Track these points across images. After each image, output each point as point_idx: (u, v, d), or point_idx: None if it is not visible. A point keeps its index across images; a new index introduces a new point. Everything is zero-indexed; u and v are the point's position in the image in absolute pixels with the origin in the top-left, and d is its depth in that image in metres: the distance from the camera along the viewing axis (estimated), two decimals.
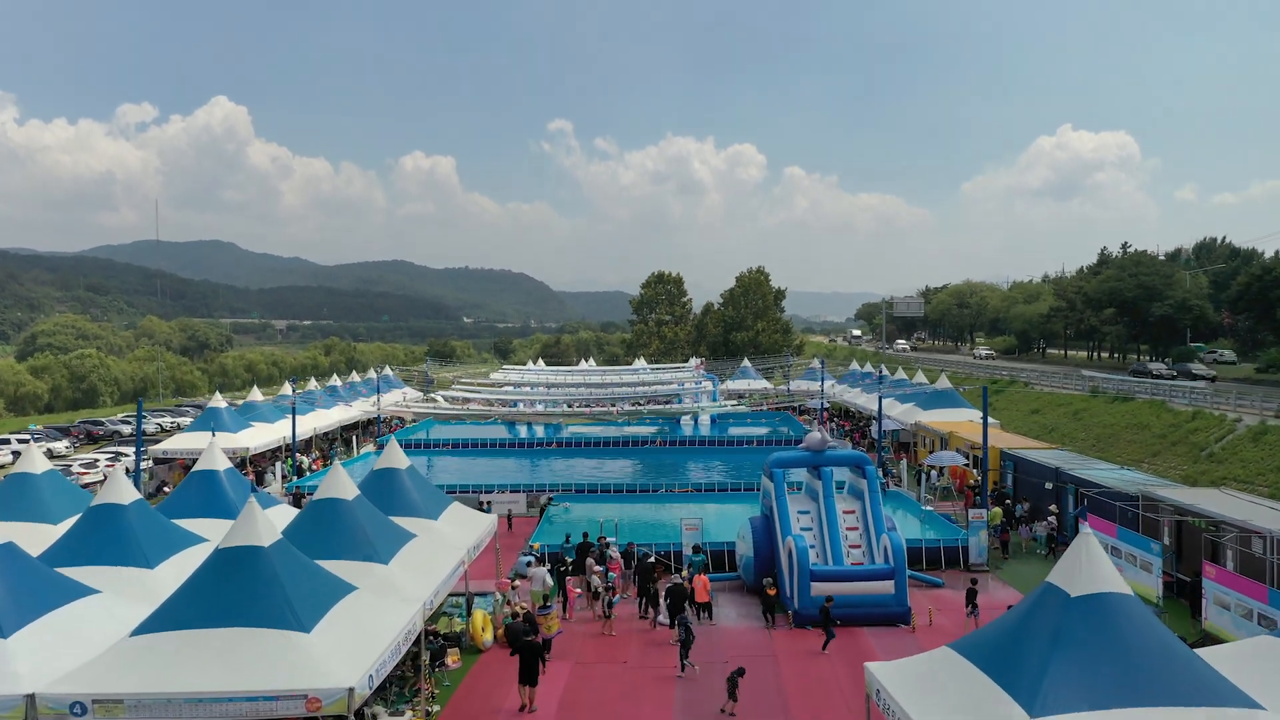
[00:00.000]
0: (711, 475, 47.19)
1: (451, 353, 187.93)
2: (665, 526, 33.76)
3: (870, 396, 62.29)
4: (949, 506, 37.49)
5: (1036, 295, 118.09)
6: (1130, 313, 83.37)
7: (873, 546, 25.10)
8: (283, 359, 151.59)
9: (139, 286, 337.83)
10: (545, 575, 25.99)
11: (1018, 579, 27.88)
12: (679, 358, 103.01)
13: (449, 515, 24.20)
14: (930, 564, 28.74)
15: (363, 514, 20.02)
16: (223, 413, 45.43)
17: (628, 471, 48.86)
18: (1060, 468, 33.10)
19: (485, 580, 27.55)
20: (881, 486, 29.52)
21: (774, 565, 25.78)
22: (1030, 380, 68.34)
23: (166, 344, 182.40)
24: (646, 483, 41.43)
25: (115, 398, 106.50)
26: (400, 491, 23.09)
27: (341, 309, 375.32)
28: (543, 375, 64.49)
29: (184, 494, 23.71)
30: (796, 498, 27.04)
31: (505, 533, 34.92)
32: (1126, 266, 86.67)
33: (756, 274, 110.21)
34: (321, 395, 58.49)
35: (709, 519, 35.40)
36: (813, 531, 25.79)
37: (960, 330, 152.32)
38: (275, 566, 14.58)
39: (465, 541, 22.96)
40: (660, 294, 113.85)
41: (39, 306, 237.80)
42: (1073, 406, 55.06)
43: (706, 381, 65.77)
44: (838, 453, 27.22)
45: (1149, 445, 44.14)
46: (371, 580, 17.92)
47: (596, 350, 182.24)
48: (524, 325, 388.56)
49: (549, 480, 41.99)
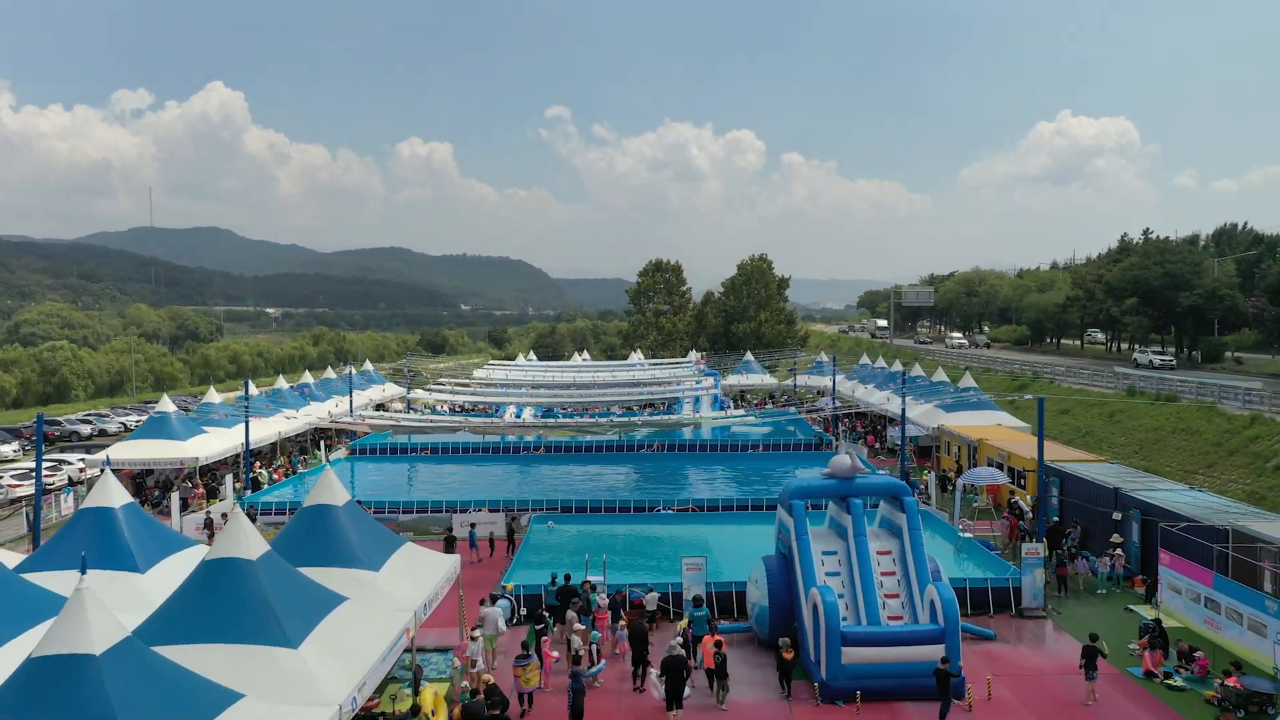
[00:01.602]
0: (715, 486, 42.74)
1: (444, 343, 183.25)
2: (663, 556, 29.28)
3: (884, 394, 57.83)
4: (985, 526, 33.02)
5: (1050, 283, 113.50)
6: (1154, 303, 78.80)
7: (915, 598, 20.59)
8: (269, 350, 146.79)
9: (133, 274, 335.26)
10: (499, 617, 21.71)
11: (1079, 626, 23.43)
12: (677, 349, 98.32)
13: (397, 562, 19.67)
14: (975, 607, 24.27)
15: (269, 578, 15.50)
16: (171, 418, 40.81)
17: (621, 480, 44.38)
18: (1120, 488, 28.56)
19: (447, 630, 23.16)
20: None
21: (794, 618, 21.34)
22: (1055, 376, 63.73)
23: (155, 333, 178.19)
24: (643, 498, 36.88)
25: (89, 392, 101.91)
26: (332, 536, 18.49)
27: (338, 296, 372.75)
28: (530, 372, 59.66)
29: (67, 539, 19.13)
30: (820, 533, 22.51)
31: (482, 560, 30.50)
32: (1151, 254, 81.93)
33: (759, 261, 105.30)
34: (290, 394, 53.80)
35: (714, 543, 31.00)
36: (841, 577, 21.27)
37: (968, 319, 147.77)
38: None
39: (414, 598, 18.48)
40: (658, 283, 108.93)
41: (30, 294, 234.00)
42: (1108, 407, 50.51)
43: (707, 379, 61.18)
44: (870, 480, 22.63)
45: (1201, 454, 39.62)
46: (269, 677, 13.41)
47: (593, 340, 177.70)
48: (522, 313, 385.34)
49: (532, 495, 37.43)
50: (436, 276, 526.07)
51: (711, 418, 42.27)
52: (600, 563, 24.85)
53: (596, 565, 24.78)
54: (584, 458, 47.47)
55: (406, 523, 33.95)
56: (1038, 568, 24.53)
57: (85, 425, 61.96)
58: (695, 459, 48.08)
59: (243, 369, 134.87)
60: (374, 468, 46.36)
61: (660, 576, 25.50)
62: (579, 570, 24.58)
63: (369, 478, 43.83)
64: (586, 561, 24.75)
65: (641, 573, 26.57)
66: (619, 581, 24.42)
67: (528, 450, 48.53)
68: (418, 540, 33.63)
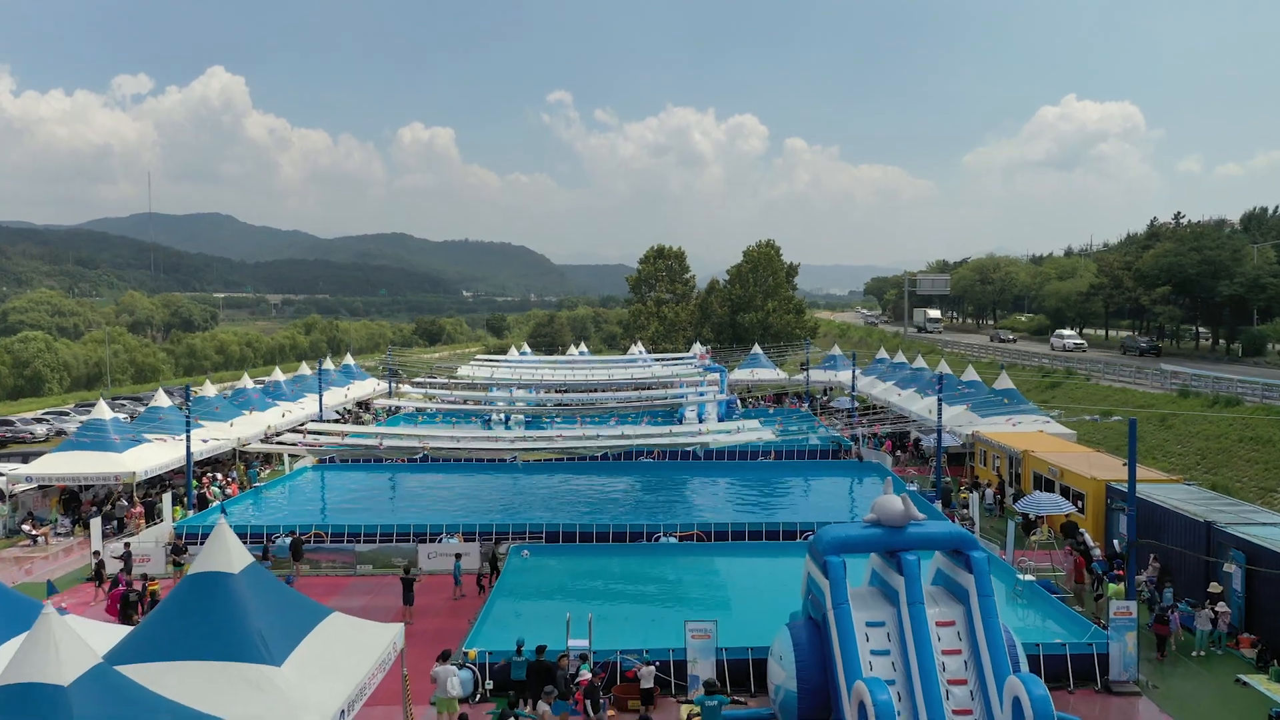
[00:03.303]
0: (720, 502, 37.91)
1: (440, 332, 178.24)
2: (662, 603, 24.50)
3: (906, 393, 52.96)
4: (1043, 559, 28.21)
5: (1072, 271, 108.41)
6: (1190, 291, 73.74)
7: (987, 687, 15.79)
8: (258, 339, 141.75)
9: (132, 260, 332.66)
10: (452, 678, 17.21)
11: (1186, 709, 18.66)
12: (680, 341, 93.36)
13: (311, 648, 14.80)
14: (1049, 677, 19.40)
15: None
16: (107, 425, 36.01)
17: (615, 495, 39.56)
18: (1212, 522, 23.71)
19: (390, 709, 18.45)
20: None
21: (829, 706, 16.60)
22: (1091, 373, 58.73)
23: (148, 321, 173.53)
24: (639, 520, 32.06)
25: (65, 385, 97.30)
26: (219, 617, 13.61)
27: (339, 283, 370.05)
28: (519, 369, 54.59)
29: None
30: (861, 595, 17.69)
31: (465, 596, 25.83)
32: (1186, 240, 76.71)
33: (766, 248, 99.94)
34: (256, 393, 48.95)
35: (724, 581, 26.23)
36: (890, 658, 16.46)
37: (982, 308, 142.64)
38: None
39: (329, 701, 13.70)
40: (660, 270, 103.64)
41: (26, 281, 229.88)
42: (1155, 409, 45.60)
43: (712, 375, 56.24)
44: (928, 530, 17.73)
45: (1277, 468, 34.71)
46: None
47: (594, 329, 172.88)
48: (523, 299, 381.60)
49: (515, 518, 32.62)
50: (438, 263, 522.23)
51: (720, 432, 37.24)
52: (586, 624, 19.99)
53: (580, 623, 19.96)
54: (576, 467, 42.56)
55: (365, 554, 29.25)
56: (1130, 630, 19.70)
57: (40, 425, 57.13)
58: (697, 468, 43.18)
59: (230, 360, 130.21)
60: (343, 479, 41.57)
61: (659, 637, 20.68)
62: (557, 630, 19.82)
63: (334, 493, 39.03)
64: (568, 623, 19.94)
65: (636, 630, 21.76)
66: (607, 646, 19.68)
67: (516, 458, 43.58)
68: (378, 576, 29.32)
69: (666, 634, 20.73)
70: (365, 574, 28.77)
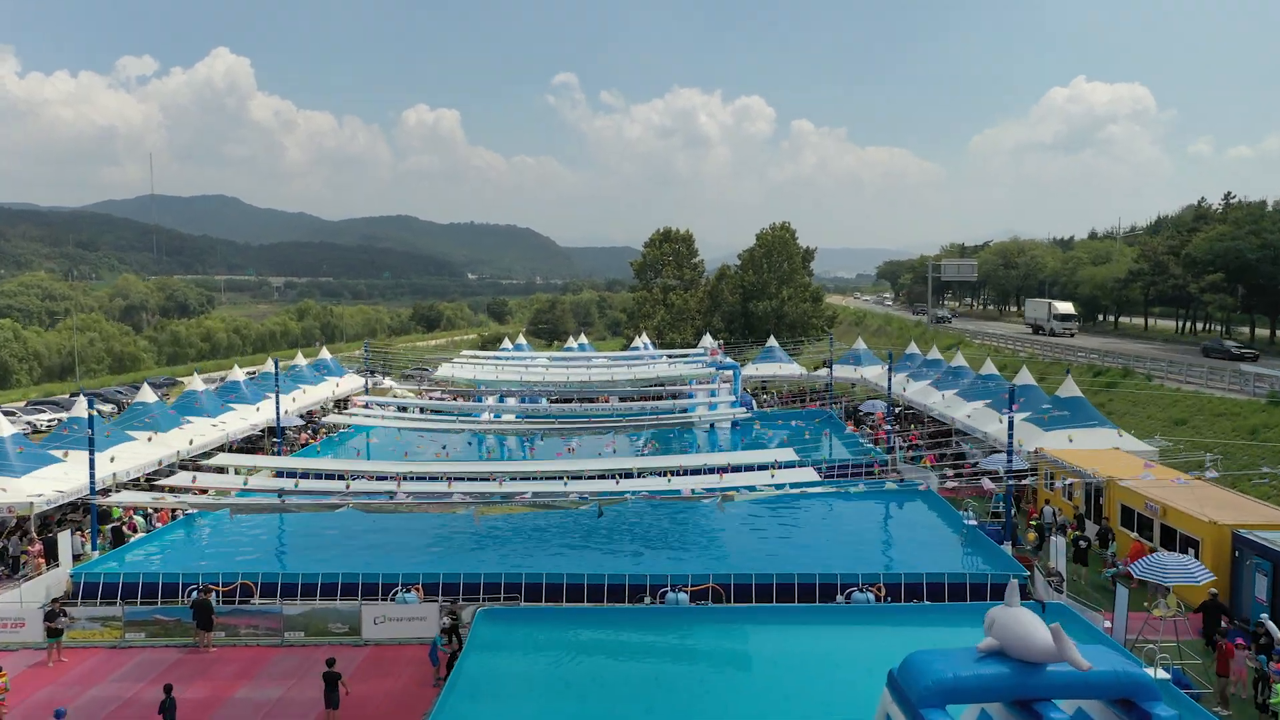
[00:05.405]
0: (743, 537, 31.74)
1: (439, 317, 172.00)
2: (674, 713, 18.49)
3: (946, 395, 46.78)
4: (1165, 629, 22.08)
5: (1107, 255, 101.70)
6: (1247, 278, 67.23)
7: None
8: (247, 326, 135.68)
9: (134, 242, 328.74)
10: None
11: None
12: (689, 330, 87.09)
13: None
14: None
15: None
16: (5, 442, 30.03)
17: (609, 524, 33.45)
18: None
19: None
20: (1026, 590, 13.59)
21: None
22: (1152, 372, 52.36)
23: (142, 305, 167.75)
24: (639, 566, 26.07)
25: (35, 376, 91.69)
26: None
27: (344, 265, 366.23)
28: (504, 369, 48.29)
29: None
30: None
31: (404, 692, 19.71)
32: (1243, 222, 70.09)
33: (781, 230, 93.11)
34: (206, 396, 42.92)
35: (756, 670, 20.21)
36: None
37: (1005, 294, 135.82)
38: None
39: None
40: (667, 254, 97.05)
41: (25, 264, 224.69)
42: (1240, 419, 39.40)
43: (725, 373, 50.15)
44: (1080, 674, 11.58)
45: None
46: None
47: (598, 314, 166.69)
48: (529, 282, 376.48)
49: (486, 565, 26.60)
50: (443, 245, 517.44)
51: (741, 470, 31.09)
52: None
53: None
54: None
55: (295, 618, 23.28)
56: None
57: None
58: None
59: (218, 348, 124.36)
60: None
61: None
62: None
63: (261, 529, 32.23)
64: None
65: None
66: None
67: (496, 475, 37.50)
68: (313, 646, 23.38)
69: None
70: (296, 642, 22.90)
